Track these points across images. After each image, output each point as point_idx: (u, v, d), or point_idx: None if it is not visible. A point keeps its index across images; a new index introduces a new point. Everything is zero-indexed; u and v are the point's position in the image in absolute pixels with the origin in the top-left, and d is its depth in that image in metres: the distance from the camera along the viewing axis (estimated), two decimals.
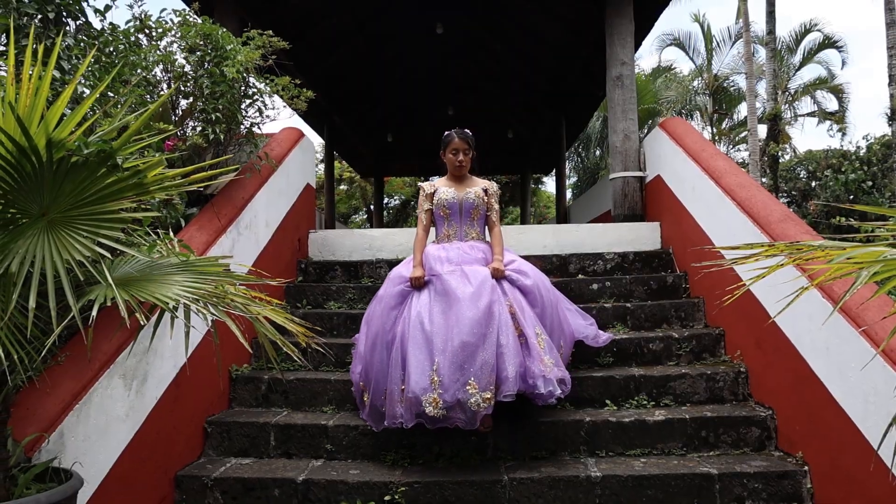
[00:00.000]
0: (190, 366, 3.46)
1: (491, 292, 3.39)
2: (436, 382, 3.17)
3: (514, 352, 3.27)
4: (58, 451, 2.38)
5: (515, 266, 3.75)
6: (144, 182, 2.04)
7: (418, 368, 3.23)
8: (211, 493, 3.29)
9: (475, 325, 3.23)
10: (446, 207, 3.92)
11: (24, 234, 1.89)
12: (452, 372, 3.16)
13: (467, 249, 3.78)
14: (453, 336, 3.22)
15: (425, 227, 3.94)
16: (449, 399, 3.14)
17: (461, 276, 3.48)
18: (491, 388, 3.18)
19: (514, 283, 3.63)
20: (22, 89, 1.85)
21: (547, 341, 3.48)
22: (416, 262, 3.73)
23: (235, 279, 2.17)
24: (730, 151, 20.39)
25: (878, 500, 2.62)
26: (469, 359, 3.17)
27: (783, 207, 3.89)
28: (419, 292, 3.56)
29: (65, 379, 2.56)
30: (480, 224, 3.97)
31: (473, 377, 3.16)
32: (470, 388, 3.14)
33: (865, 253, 1.39)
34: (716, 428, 3.57)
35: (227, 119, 4.28)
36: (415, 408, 3.20)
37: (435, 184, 4.05)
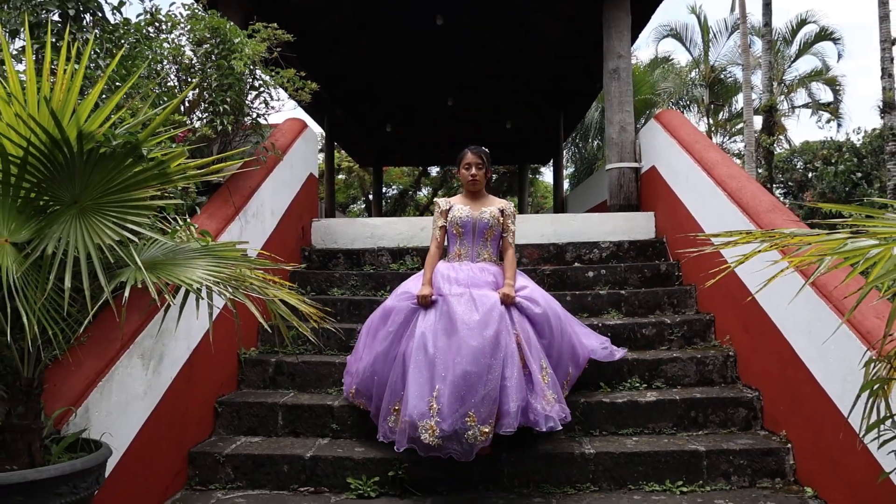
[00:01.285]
0: (201, 348, 3.62)
1: (499, 321, 3.27)
2: (434, 409, 3.09)
3: (517, 386, 3.17)
4: (83, 424, 2.53)
5: (526, 293, 3.62)
6: (168, 172, 2.18)
7: (418, 392, 3.15)
8: (223, 468, 3.45)
9: (480, 354, 3.13)
10: (460, 226, 3.81)
11: (58, 219, 2.03)
12: (453, 401, 3.07)
13: (477, 271, 3.68)
14: (456, 364, 3.12)
15: (438, 244, 3.84)
16: (447, 429, 3.05)
17: (468, 302, 3.38)
18: (490, 422, 3.09)
19: (524, 312, 3.51)
20: (56, 85, 1.98)
21: (551, 375, 3.40)
22: (425, 280, 3.62)
23: (253, 264, 2.32)
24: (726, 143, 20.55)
25: (852, 472, 2.79)
26: (471, 389, 3.08)
27: (771, 198, 4.04)
28: (426, 311, 3.46)
29: (88, 357, 2.71)
30: (494, 245, 3.86)
31: (473, 409, 3.07)
32: (469, 420, 3.06)
33: (831, 241, 1.54)
34: (704, 409, 3.73)
35: (235, 110, 4.41)
36: (410, 432, 3.13)
37: (451, 201, 3.93)
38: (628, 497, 3.23)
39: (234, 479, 3.43)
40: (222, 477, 3.44)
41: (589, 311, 4.80)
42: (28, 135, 1.97)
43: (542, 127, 13.43)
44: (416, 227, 5.94)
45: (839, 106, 18.60)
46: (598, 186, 9.08)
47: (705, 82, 19.29)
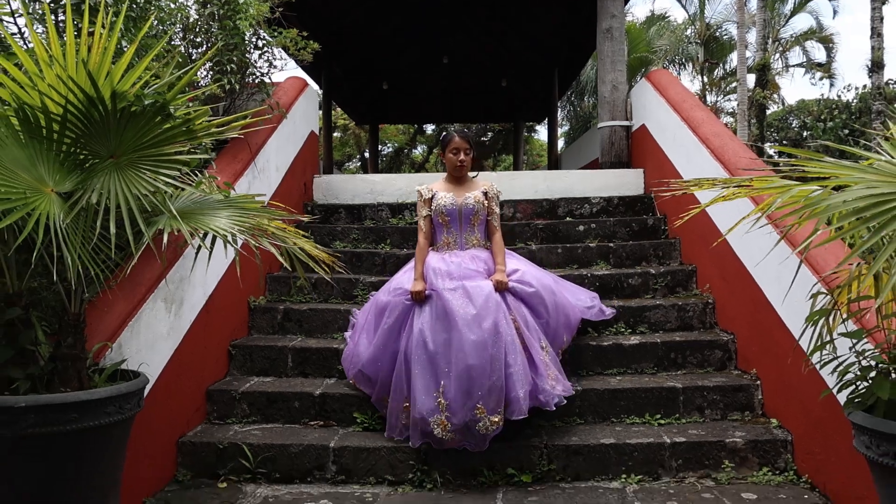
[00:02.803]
0: (215, 295, 3.88)
1: (496, 310, 3.30)
2: (443, 405, 3.16)
3: (523, 372, 3.23)
4: (118, 359, 2.80)
5: (518, 276, 3.64)
6: (193, 129, 2.40)
7: (424, 390, 3.20)
8: (238, 404, 3.75)
9: (481, 347, 3.17)
10: (445, 214, 3.76)
11: (98, 172, 2.26)
12: (460, 396, 3.12)
13: (468, 261, 3.64)
14: (458, 360, 3.17)
15: (426, 234, 3.79)
16: (457, 422, 3.12)
17: (463, 295, 3.37)
18: (499, 411, 3.14)
19: (518, 295, 3.55)
20: (93, 49, 2.19)
21: (551, 353, 3.48)
22: (416, 275, 3.59)
23: (271, 214, 2.56)
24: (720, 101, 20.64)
25: (807, 400, 3.10)
26: (476, 383, 3.12)
27: (751, 154, 4.27)
28: (420, 307, 3.45)
29: (118, 300, 2.96)
30: (481, 229, 3.82)
31: (481, 401, 3.12)
32: (478, 412, 3.12)
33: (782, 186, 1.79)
34: (683, 351, 4.03)
35: (240, 69, 4.58)
36: (423, 427, 3.19)
37: (433, 188, 3.86)
38: (610, 428, 3.54)
39: (249, 414, 3.73)
40: (238, 412, 3.74)
41: (579, 262, 5.07)
42: (67, 94, 2.18)
43: (537, 85, 13.50)
44: (414, 184, 6.06)
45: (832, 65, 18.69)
46: (592, 144, 9.26)
47: (700, 40, 19.28)
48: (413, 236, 5.33)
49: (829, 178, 1.67)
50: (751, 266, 3.80)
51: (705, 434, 3.41)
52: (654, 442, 3.34)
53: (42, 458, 2.10)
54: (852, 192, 1.56)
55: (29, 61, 2.16)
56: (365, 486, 3.31)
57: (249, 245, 2.52)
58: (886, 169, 1.65)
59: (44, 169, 2.18)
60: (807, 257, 3.18)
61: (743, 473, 3.28)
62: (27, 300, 2.34)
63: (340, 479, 3.34)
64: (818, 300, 2.10)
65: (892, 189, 1.55)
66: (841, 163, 1.70)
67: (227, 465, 3.38)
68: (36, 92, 2.18)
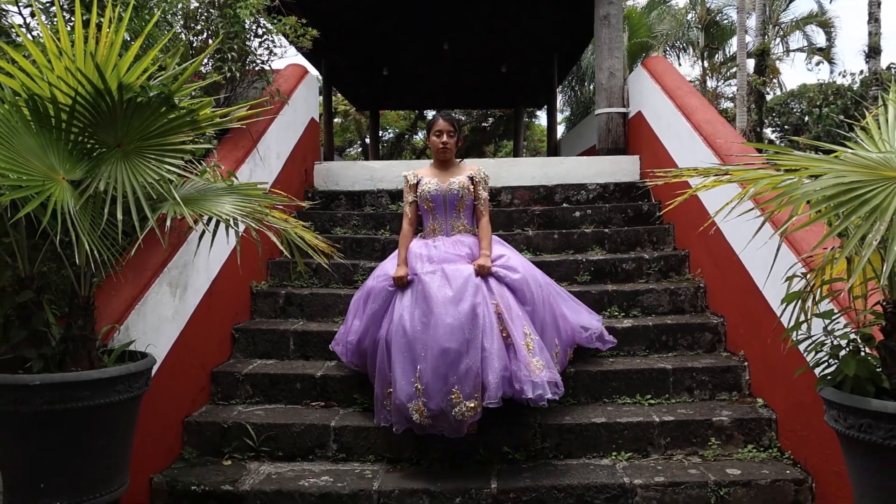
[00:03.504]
0: (218, 280, 3.98)
1: (474, 293, 3.24)
2: (420, 390, 3.11)
3: (497, 356, 3.13)
4: (125, 341, 2.90)
5: (503, 261, 3.57)
6: (197, 119, 2.49)
7: (403, 376, 3.17)
8: (242, 385, 3.86)
9: (455, 331, 3.11)
10: (430, 200, 3.74)
11: (106, 161, 2.35)
12: (435, 380, 3.08)
13: (450, 246, 3.62)
14: (433, 343, 3.12)
15: (410, 220, 3.78)
16: (433, 407, 3.08)
17: (441, 278, 3.33)
18: (476, 396, 3.08)
19: (502, 280, 3.47)
20: (100, 42, 2.28)
21: (537, 342, 3.32)
22: (399, 260, 3.59)
23: (273, 201, 2.65)
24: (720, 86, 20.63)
25: (789, 380, 3.20)
26: (451, 366, 3.07)
27: (741, 141, 4.35)
28: (402, 292, 3.43)
29: (125, 284, 3.06)
30: (468, 215, 3.78)
31: (457, 385, 3.06)
32: (454, 397, 3.06)
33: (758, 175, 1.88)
34: (674, 333, 4.14)
35: (241, 57, 4.66)
36: (404, 412, 3.16)
37: (419, 173, 3.85)
38: (602, 408, 3.66)
39: (252, 395, 3.85)
40: (242, 393, 3.86)
41: (574, 248, 5.16)
42: (76, 85, 2.28)
43: (536, 71, 13.53)
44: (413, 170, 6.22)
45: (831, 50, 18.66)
46: (590, 131, 9.32)
47: (701, 24, 19.23)
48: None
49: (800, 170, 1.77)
50: (740, 251, 3.89)
51: (693, 413, 3.53)
52: (644, 421, 3.45)
53: (56, 433, 2.22)
54: (823, 181, 1.65)
55: (39, 53, 2.25)
56: (364, 464, 3.43)
57: (251, 232, 2.62)
58: (852, 160, 1.74)
59: (54, 157, 2.28)
60: (791, 241, 3.28)
61: (729, 450, 3.40)
62: (38, 284, 2.45)
63: (341, 457, 3.46)
64: (795, 282, 2.20)
65: (859, 177, 1.64)
66: (808, 155, 1.79)
67: (231, 444, 3.49)
68: (45, 83, 2.27)
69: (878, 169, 1.69)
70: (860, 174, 1.65)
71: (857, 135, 2.15)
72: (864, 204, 1.56)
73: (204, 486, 3.16)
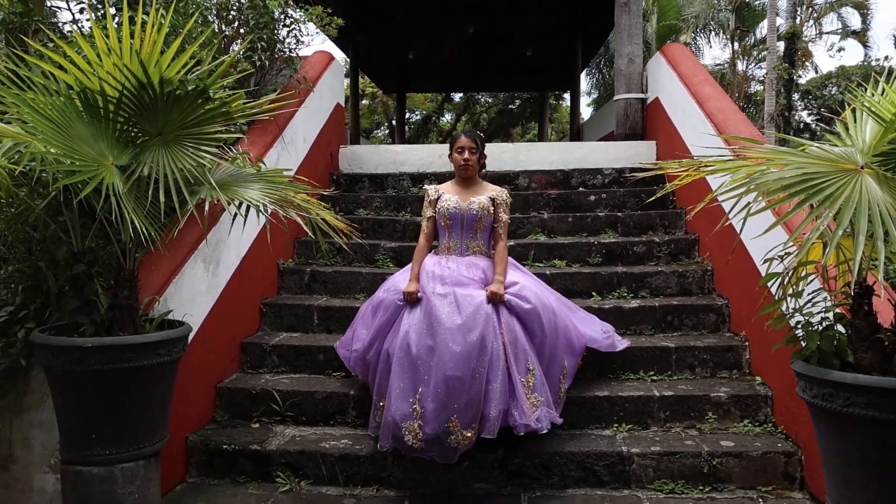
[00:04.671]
0: (248, 257, 4.26)
1: (484, 324, 3.18)
2: (418, 412, 3.07)
3: (500, 391, 3.13)
4: (164, 310, 3.19)
5: (516, 290, 3.47)
6: (230, 110, 2.73)
7: (401, 394, 3.12)
8: (269, 356, 4.15)
9: (462, 360, 3.07)
10: (448, 218, 3.65)
11: (149, 148, 2.61)
12: (436, 406, 3.04)
13: (465, 269, 3.53)
14: (438, 369, 3.08)
15: (427, 235, 3.72)
16: (429, 432, 3.04)
17: (452, 303, 3.27)
18: (474, 426, 3.07)
19: (513, 310, 3.39)
20: (144, 40, 2.52)
21: (539, 377, 3.32)
22: (412, 275, 3.53)
23: (297, 189, 2.90)
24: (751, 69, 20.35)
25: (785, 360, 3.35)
26: (454, 395, 3.03)
27: (752, 130, 4.49)
28: (411, 309, 3.37)
29: (163, 260, 3.35)
30: (485, 236, 3.68)
31: (456, 414, 3.03)
32: (451, 426, 3.03)
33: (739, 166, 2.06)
34: (680, 314, 4.32)
35: (270, 46, 4.90)
36: (394, 430, 3.11)
37: (440, 189, 3.76)
38: (606, 383, 3.86)
39: (278, 365, 4.13)
40: (269, 363, 4.14)
41: (588, 231, 5.35)
42: (122, 80, 2.54)
43: (560, 56, 13.57)
44: (434, 154, 6.45)
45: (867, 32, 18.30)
46: (611, 116, 9.40)
47: (732, 6, 18.97)
48: None
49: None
50: (743, 235, 4.03)
51: (693, 389, 3.72)
52: (645, 395, 3.65)
53: (106, 390, 2.50)
54: (784, 171, 1.83)
55: (90, 51, 2.51)
56: None
57: (277, 214, 2.86)
58: (816, 153, 1.91)
59: (104, 145, 2.54)
60: (788, 225, 3.43)
61: (725, 424, 3.59)
62: (88, 258, 2.73)
63: (359, 423, 3.71)
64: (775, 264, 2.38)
65: (819, 169, 1.82)
66: (777, 148, 1.97)
67: (259, 409, 3.78)
68: (96, 78, 2.53)
69: (839, 162, 1.86)
70: (820, 166, 1.83)
71: (837, 128, 2.32)
72: (819, 192, 1.74)
73: (234, 446, 3.46)
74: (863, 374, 2.01)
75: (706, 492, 3.23)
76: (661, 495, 3.22)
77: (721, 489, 3.24)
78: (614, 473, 3.30)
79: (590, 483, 3.30)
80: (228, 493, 3.29)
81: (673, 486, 3.25)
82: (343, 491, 3.31)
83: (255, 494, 3.28)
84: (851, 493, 2.07)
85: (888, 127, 1.90)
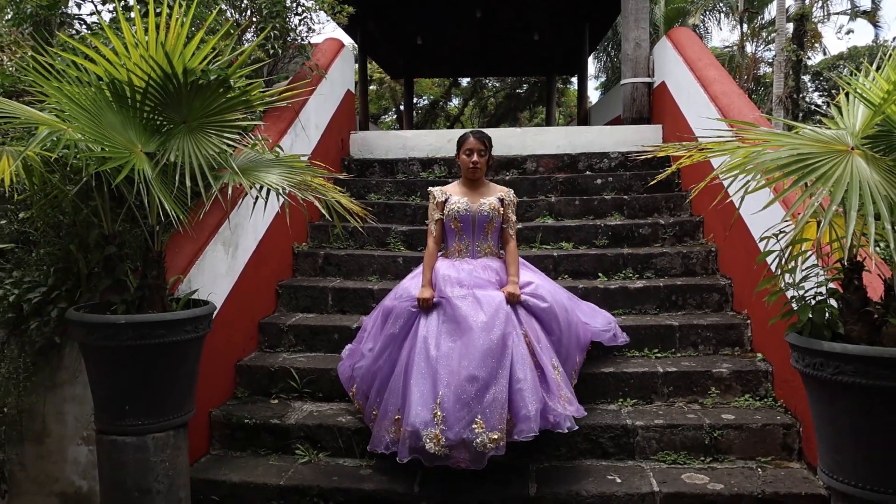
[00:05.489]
0: (264, 241, 4.41)
1: (505, 322, 3.16)
2: (439, 417, 2.97)
3: (532, 388, 3.06)
4: (187, 291, 3.34)
5: (531, 289, 3.47)
6: (250, 99, 2.86)
7: (420, 400, 3.03)
8: (286, 335, 4.30)
9: (486, 357, 3.04)
10: (458, 220, 3.59)
11: (174, 136, 2.75)
12: (458, 408, 2.96)
13: (480, 270, 3.50)
14: (461, 368, 3.03)
15: (436, 238, 3.62)
16: (453, 437, 2.93)
17: (473, 303, 3.24)
18: (500, 428, 2.96)
19: (530, 310, 3.39)
20: (170, 33, 2.65)
21: (563, 373, 3.30)
22: (424, 281, 3.44)
23: (315, 173, 3.03)
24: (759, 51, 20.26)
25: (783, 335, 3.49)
26: (478, 394, 2.98)
27: (755, 113, 4.58)
28: (426, 315, 3.30)
29: (186, 243, 3.50)
30: (495, 238, 3.66)
31: (481, 415, 2.95)
32: (476, 427, 2.95)
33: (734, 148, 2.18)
34: (684, 294, 4.44)
35: (283, 35, 5.02)
36: (412, 441, 3.01)
37: (447, 190, 3.68)
38: (612, 360, 3.99)
39: (295, 344, 4.29)
40: (286, 342, 4.30)
41: (595, 213, 5.46)
42: (149, 71, 2.66)
43: (567, 40, 13.59)
44: (443, 139, 6.56)
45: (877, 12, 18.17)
46: (618, 99, 9.47)
47: None
48: None
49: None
50: (746, 216, 4.15)
51: (696, 365, 3.85)
52: (649, 371, 3.79)
53: (138, 363, 2.66)
54: (780, 152, 1.95)
55: (119, 43, 2.63)
56: None
57: (295, 197, 2.99)
58: (809, 136, 2.02)
59: (133, 133, 2.68)
60: (786, 202, 3.53)
61: (727, 399, 3.73)
62: (118, 241, 2.88)
63: None
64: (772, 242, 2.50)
65: (812, 150, 1.94)
66: (773, 131, 2.08)
67: (277, 385, 3.95)
68: (124, 69, 2.66)
69: (831, 143, 1.97)
70: (813, 147, 1.94)
71: (831, 111, 2.42)
72: (813, 171, 1.86)
73: (255, 420, 3.62)
74: (852, 344, 2.13)
75: (707, 462, 3.36)
76: (664, 465, 3.36)
77: (722, 460, 3.38)
78: (619, 445, 3.44)
79: (595, 454, 3.45)
80: (251, 465, 3.46)
81: (675, 457, 3.39)
82: (359, 462, 3.47)
83: (276, 465, 3.44)
84: (841, 457, 2.20)
85: (876, 110, 2.01)
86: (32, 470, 3.36)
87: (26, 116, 2.65)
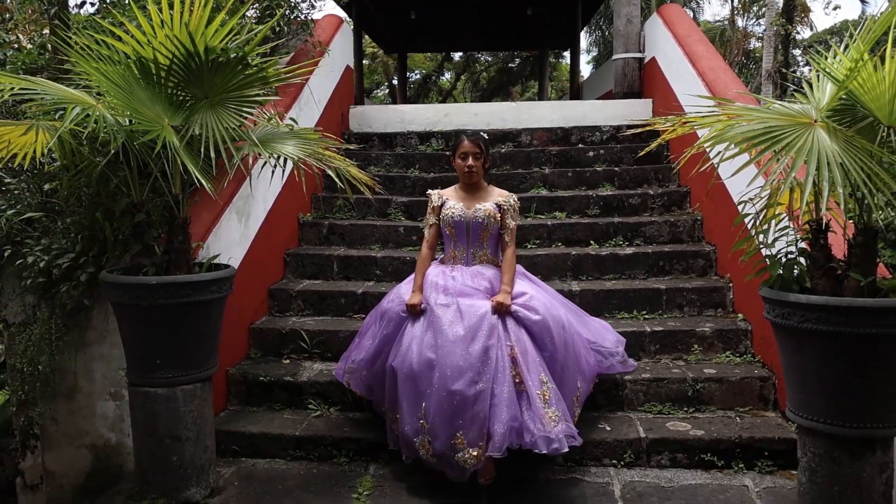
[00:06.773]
0: (273, 210, 4.63)
1: (488, 335, 3.05)
2: (425, 428, 2.98)
3: (506, 405, 2.94)
4: (207, 257, 3.56)
5: (524, 300, 3.29)
6: (266, 75, 3.06)
7: (409, 409, 3.05)
8: (295, 301, 4.54)
9: (464, 372, 2.95)
10: (452, 226, 3.47)
11: (197, 110, 2.95)
12: (440, 421, 2.94)
13: (469, 278, 3.36)
14: (440, 383, 2.96)
15: (430, 243, 3.52)
16: (438, 448, 2.96)
17: (454, 313, 3.14)
18: (481, 444, 2.91)
19: (520, 322, 3.21)
20: (193, 13, 2.84)
21: (554, 391, 3.08)
22: (415, 286, 3.38)
23: (328, 144, 3.24)
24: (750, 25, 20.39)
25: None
26: (457, 410, 2.91)
27: (740, 88, 4.80)
28: (414, 321, 3.25)
29: (203, 212, 3.71)
30: (492, 244, 3.50)
31: (462, 430, 2.90)
32: (457, 443, 2.92)
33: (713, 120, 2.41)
34: (671, 259, 4.70)
35: (288, 11, 5.18)
36: (409, 445, 3.08)
37: (444, 194, 3.55)
38: (603, 320, 4.25)
39: (303, 309, 4.53)
40: (295, 307, 4.54)
41: (587, 185, 5.70)
42: (173, 49, 2.86)
43: (560, 15, 13.68)
44: (440, 114, 6.75)
45: None
46: (609, 74, 9.65)
47: None
48: (439, 162, 6.01)
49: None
50: (728, 185, 4.40)
51: (681, 325, 4.12)
52: (637, 331, 4.06)
53: (168, 321, 2.89)
54: (751, 125, 2.18)
55: (146, 23, 2.82)
56: None
57: (311, 166, 3.21)
58: (778, 110, 2.26)
59: (160, 107, 2.88)
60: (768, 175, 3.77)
61: (709, 356, 4.01)
62: (146, 209, 3.10)
63: None
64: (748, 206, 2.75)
65: (779, 123, 2.17)
66: (744, 105, 2.31)
67: (288, 347, 4.20)
68: (150, 48, 2.85)
69: (797, 117, 2.21)
70: (781, 120, 2.18)
71: (804, 87, 2.66)
72: (778, 142, 2.10)
73: (269, 378, 3.88)
74: (815, 295, 2.39)
75: (690, 412, 3.65)
76: (651, 415, 3.65)
77: (703, 410, 3.66)
78: (609, 397, 3.72)
79: (587, 406, 3.71)
80: (267, 418, 3.72)
81: (661, 408, 3.67)
82: (368, 416, 3.73)
83: (291, 419, 3.71)
84: (806, 395, 2.47)
85: (840, 86, 2.24)
86: (64, 424, 3.61)
87: (59, 95, 2.85)
